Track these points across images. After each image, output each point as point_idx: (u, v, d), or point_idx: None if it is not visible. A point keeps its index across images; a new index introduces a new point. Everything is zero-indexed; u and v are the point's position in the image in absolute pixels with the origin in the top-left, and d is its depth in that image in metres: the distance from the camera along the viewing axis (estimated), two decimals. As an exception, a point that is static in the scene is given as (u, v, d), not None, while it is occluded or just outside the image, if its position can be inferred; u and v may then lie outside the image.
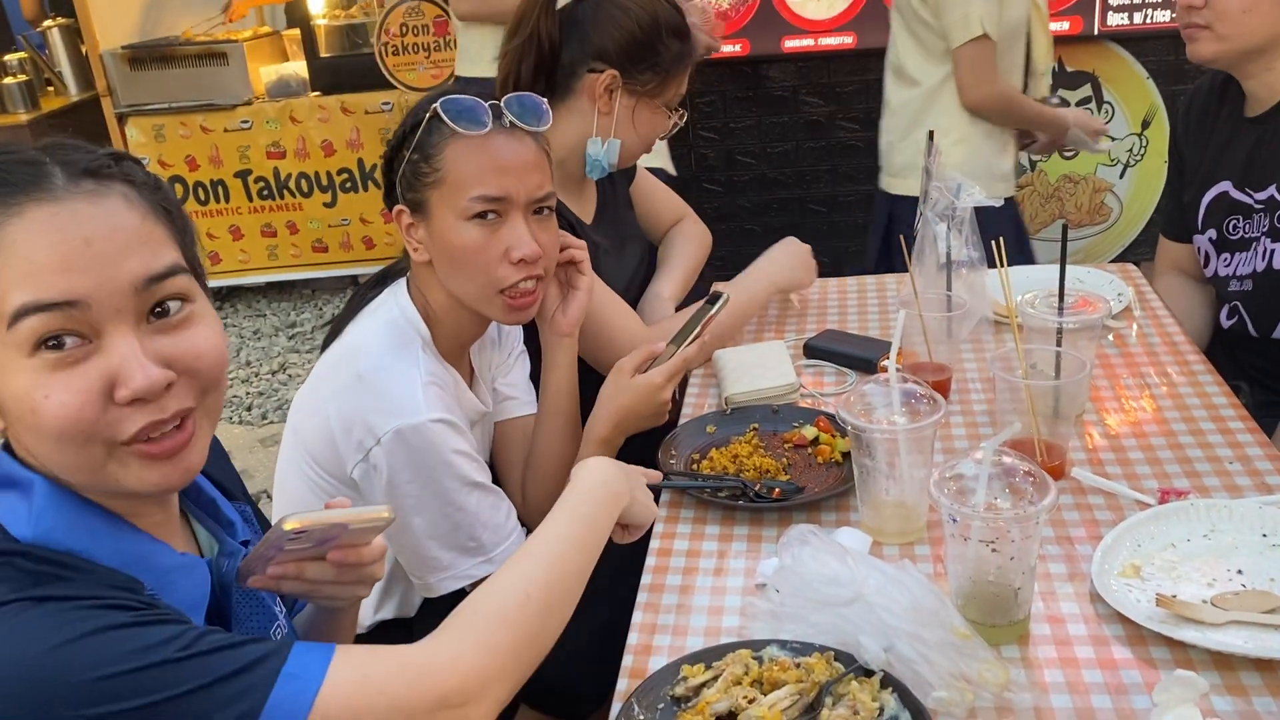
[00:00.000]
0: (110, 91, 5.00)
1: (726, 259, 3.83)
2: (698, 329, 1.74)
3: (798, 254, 2.23)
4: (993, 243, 1.66)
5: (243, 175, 5.07)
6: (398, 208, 1.61)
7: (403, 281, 1.68)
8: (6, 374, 0.94)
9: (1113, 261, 3.37)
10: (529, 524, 1.69)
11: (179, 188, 5.09)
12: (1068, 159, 3.79)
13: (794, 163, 4.42)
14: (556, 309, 1.74)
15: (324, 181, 5.07)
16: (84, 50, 5.40)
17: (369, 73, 4.83)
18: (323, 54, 5.00)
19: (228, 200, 5.12)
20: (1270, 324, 2.12)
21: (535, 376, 1.89)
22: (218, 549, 1.13)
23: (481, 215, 1.56)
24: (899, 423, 1.46)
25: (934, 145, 1.86)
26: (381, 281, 1.73)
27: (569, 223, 1.96)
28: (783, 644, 1.27)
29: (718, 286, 2.06)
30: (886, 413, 1.48)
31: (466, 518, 1.54)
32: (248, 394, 4.44)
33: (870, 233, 3.22)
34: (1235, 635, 1.27)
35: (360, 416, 1.52)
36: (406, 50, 4.78)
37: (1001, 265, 1.62)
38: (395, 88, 4.85)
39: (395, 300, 1.64)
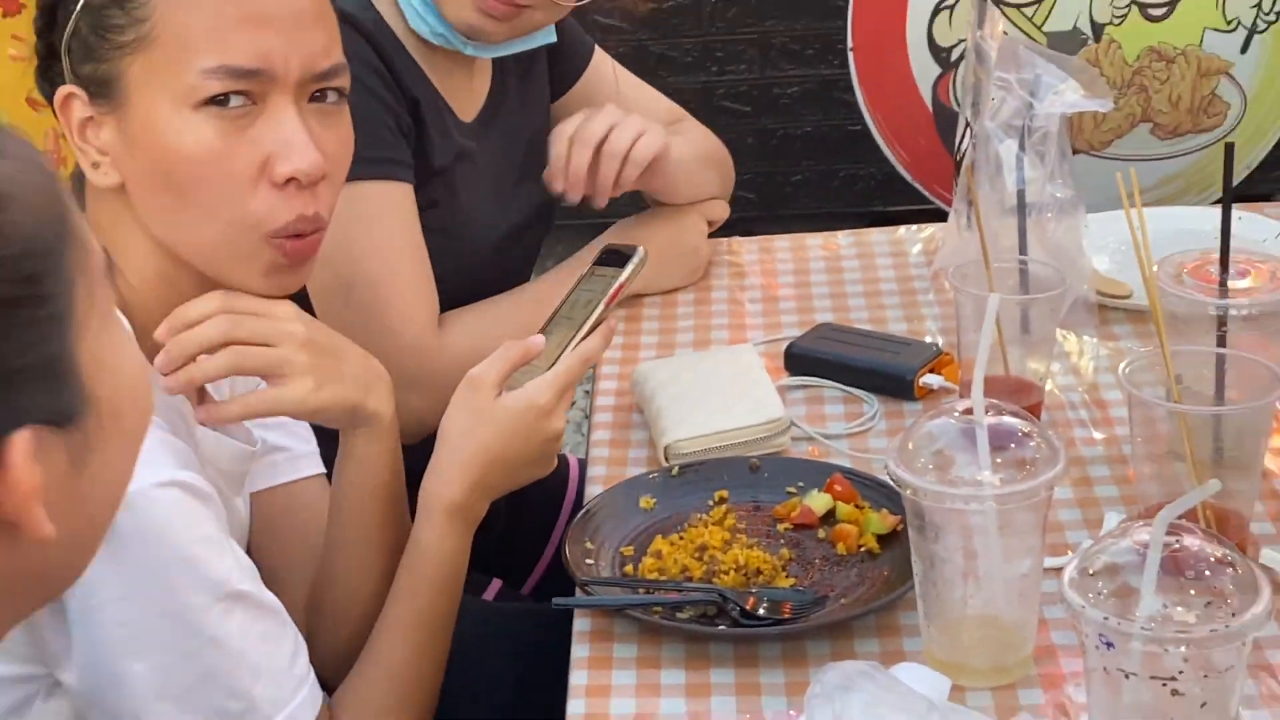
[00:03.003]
0: None
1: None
2: (600, 305, 1.13)
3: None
4: (1118, 175, 1.11)
5: None
6: (65, 90, 1.05)
7: None
8: None
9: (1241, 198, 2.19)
10: (322, 676, 1.11)
11: None
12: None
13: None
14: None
15: None
16: None
17: None
18: None
19: None
20: None
21: None
22: None
23: (221, 100, 1.01)
24: (993, 482, 0.98)
25: (986, 6, 1.34)
26: None
27: (438, 110, 1.43)
28: None
29: (619, 235, 1.49)
30: (970, 467, 1.00)
31: (223, 660, 0.98)
32: None
33: None
34: None
35: None
36: None
37: (1134, 206, 1.07)
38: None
39: None
